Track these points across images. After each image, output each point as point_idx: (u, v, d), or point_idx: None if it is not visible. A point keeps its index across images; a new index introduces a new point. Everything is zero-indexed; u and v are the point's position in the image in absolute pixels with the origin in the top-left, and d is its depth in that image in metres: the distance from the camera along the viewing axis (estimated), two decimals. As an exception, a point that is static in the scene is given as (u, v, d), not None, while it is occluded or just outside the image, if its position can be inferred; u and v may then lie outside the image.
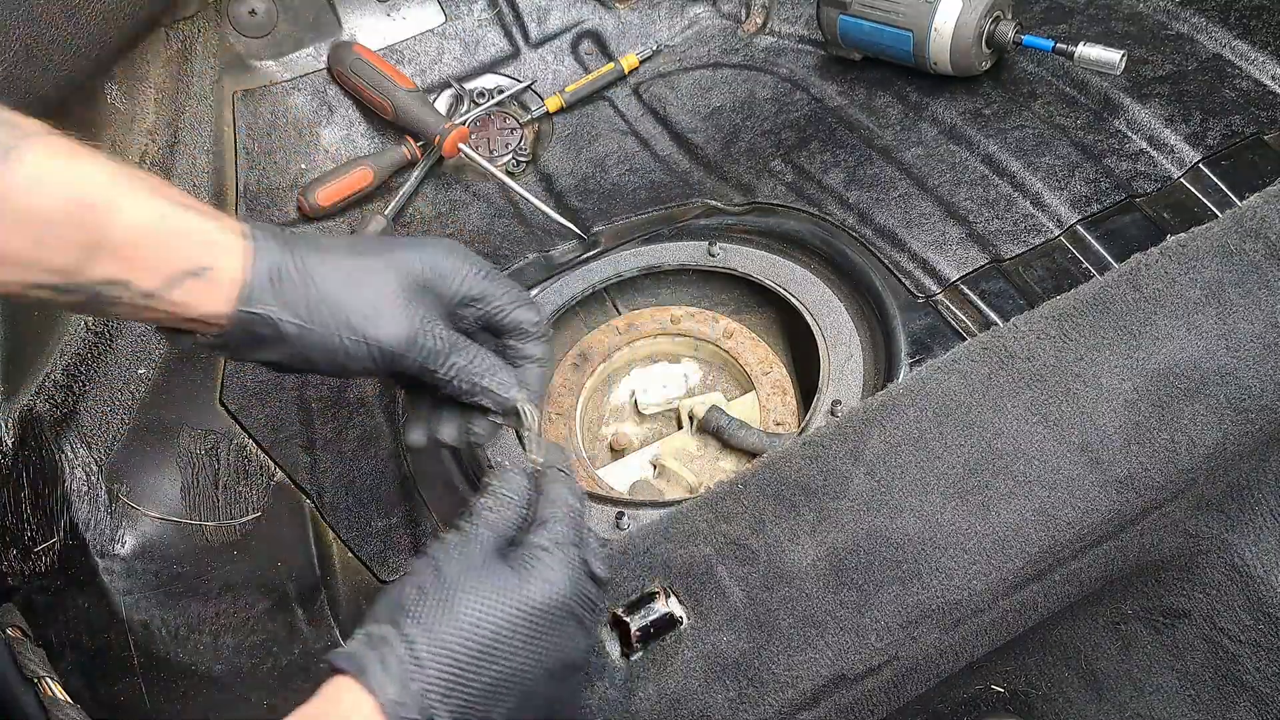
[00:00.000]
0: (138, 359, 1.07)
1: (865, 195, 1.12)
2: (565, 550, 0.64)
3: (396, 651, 0.57)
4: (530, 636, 0.61)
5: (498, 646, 0.59)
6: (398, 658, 0.57)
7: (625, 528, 0.91)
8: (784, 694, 0.69)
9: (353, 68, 1.28)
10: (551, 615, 0.61)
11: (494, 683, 0.59)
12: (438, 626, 0.58)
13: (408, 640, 0.58)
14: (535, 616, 0.61)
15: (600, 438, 1.11)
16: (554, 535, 0.64)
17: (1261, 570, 0.89)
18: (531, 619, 0.61)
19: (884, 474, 0.75)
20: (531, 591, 0.61)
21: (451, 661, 0.58)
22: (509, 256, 1.19)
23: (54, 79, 0.98)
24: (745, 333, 1.11)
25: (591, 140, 1.32)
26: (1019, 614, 0.78)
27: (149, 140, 1.19)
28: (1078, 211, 1.03)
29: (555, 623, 0.62)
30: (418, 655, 0.57)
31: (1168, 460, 0.75)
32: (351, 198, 1.25)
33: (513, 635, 0.60)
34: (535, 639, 0.61)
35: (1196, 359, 0.78)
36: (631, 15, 1.42)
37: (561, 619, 0.62)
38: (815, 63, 1.31)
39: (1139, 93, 1.11)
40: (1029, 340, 0.79)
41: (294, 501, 0.97)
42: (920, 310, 1.01)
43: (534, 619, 0.61)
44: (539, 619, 0.61)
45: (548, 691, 0.63)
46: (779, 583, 0.71)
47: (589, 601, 0.64)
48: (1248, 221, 0.83)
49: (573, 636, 0.63)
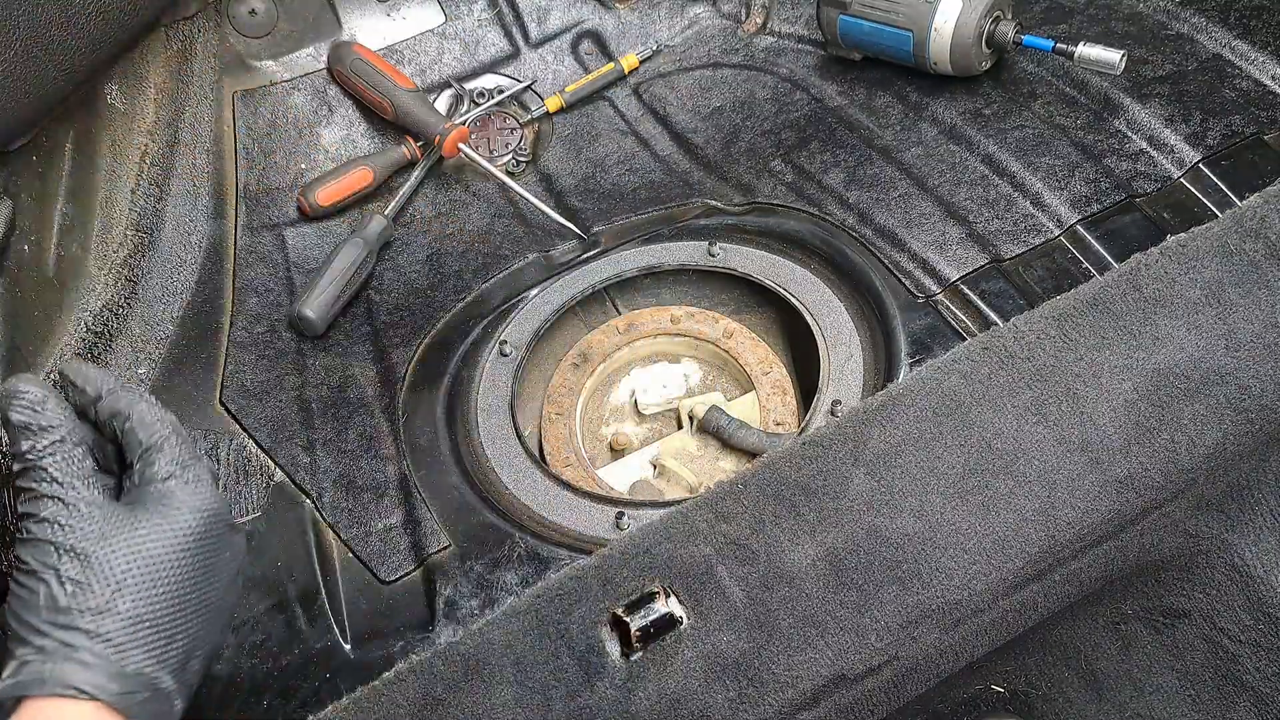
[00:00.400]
0: (138, 359, 1.07)
1: (865, 195, 1.12)
2: (190, 467, 0.63)
3: (91, 649, 0.55)
4: (207, 562, 0.61)
5: (185, 589, 0.59)
6: (94, 653, 0.55)
7: (625, 528, 0.91)
8: (784, 694, 0.69)
9: (353, 68, 1.28)
10: (214, 534, 0.62)
11: (195, 620, 0.60)
12: (113, 606, 0.57)
13: (92, 633, 0.56)
14: (203, 543, 0.62)
15: (600, 438, 1.11)
16: (170, 458, 0.63)
17: (1261, 570, 0.89)
18: (202, 547, 0.61)
19: (884, 474, 0.75)
20: (185, 523, 0.61)
21: (148, 627, 0.57)
22: (509, 256, 1.19)
23: (54, 79, 0.98)
24: (745, 333, 1.11)
25: (591, 140, 1.32)
26: (1019, 614, 0.78)
27: (149, 140, 1.19)
28: (1078, 211, 1.03)
29: (220, 539, 0.63)
30: (110, 638, 0.56)
31: (1168, 460, 0.75)
32: (351, 198, 1.25)
33: (194, 571, 0.60)
34: (211, 561, 0.62)
35: (1196, 359, 0.78)
36: (631, 15, 1.42)
37: (222, 532, 0.63)
38: (815, 63, 1.31)
39: (1139, 93, 1.11)
40: (1029, 340, 0.79)
41: (294, 501, 0.97)
42: (920, 310, 1.01)
43: (203, 546, 0.61)
44: (207, 543, 0.62)
45: (227, 603, 0.64)
46: (779, 583, 0.71)
47: (227, 506, 0.66)
48: (1248, 221, 0.83)
49: (235, 542, 0.65)
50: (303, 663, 0.85)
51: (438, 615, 0.87)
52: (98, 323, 1.07)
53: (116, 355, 1.06)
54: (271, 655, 0.86)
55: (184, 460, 0.64)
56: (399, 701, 0.68)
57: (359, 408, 1.04)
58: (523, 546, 0.90)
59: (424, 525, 0.93)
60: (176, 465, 0.63)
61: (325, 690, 0.83)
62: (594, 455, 1.08)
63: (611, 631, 0.71)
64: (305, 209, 1.24)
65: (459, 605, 0.87)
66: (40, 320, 1.02)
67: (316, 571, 0.91)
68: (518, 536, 0.91)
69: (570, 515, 0.94)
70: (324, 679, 0.84)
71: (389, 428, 1.02)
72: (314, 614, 0.88)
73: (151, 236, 1.15)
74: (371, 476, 0.98)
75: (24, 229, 1.02)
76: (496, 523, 0.93)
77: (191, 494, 0.62)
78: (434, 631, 0.86)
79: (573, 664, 0.69)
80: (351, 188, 1.24)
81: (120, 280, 1.11)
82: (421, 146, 1.27)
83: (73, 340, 1.04)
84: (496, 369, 1.06)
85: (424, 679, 0.69)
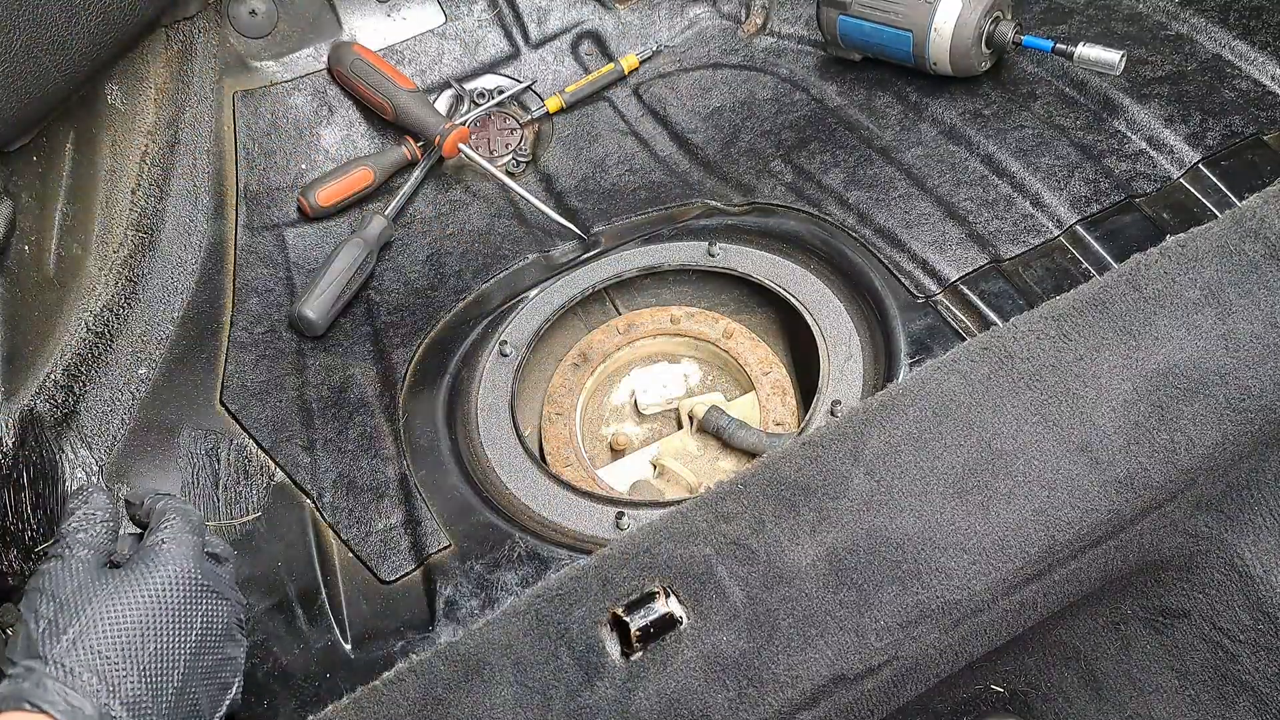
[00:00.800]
0: (138, 359, 1.07)
1: (865, 195, 1.12)
2: (180, 538, 0.72)
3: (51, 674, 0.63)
4: (171, 617, 0.68)
5: (144, 635, 0.66)
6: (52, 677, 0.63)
7: (625, 528, 0.91)
8: (784, 694, 0.69)
9: (353, 68, 1.28)
10: (183, 592, 0.70)
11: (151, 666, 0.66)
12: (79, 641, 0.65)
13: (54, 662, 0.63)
14: (168, 597, 0.69)
15: (600, 438, 1.11)
16: (168, 530, 0.73)
17: (1261, 570, 0.89)
18: (165, 601, 0.68)
19: (884, 474, 0.75)
20: (157, 579, 0.69)
21: (105, 663, 0.64)
22: (509, 256, 1.19)
23: (54, 79, 0.98)
24: (745, 333, 1.11)
25: (591, 141, 1.32)
26: (1019, 614, 0.78)
27: (149, 140, 1.19)
28: (1077, 212, 1.03)
29: (190, 598, 0.70)
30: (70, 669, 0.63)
31: (1167, 460, 0.76)
32: (352, 198, 1.25)
33: (154, 619, 0.67)
34: (176, 617, 0.69)
35: (1196, 359, 0.78)
36: (631, 16, 1.42)
37: (194, 593, 0.70)
38: (815, 63, 1.32)
39: (1139, 93, 1.11)
40: (1028, 340, 0.79)
41: (294, 501, 0.97)
42: (920, 310, 1.01)
43: (168, 600, 0.69)
44: (173, 598, 0.69)
45: (205, 660, 0.70)
46: (779, 583, 0.71)
47: (215, 575, 0.73)
48: (1247, 222, 0.83)
49: (212, 606, 0.71)
50: (303, 663, 0.85)
51: (438, 615, 0.87)
52: (98, 323, 1.07)
53: (116, 355, 1.06)
54: (271, 655, 0.86)
55: (177, 531, 0.73)
56: (399, 701, 0.68)
57: (359, 408, 1.04)
58: (523, 546, 0.90)
59: (424, 525, 0.93)
60: (168, 533, 0.72)
61: (325, 690, 0.83)
62: (594, 455, 1.08)
63: (611, 631, 0.71)
64: (305, 209, 1.24)
65: (459, 605, 0.87)
66: (40, 320, 1.02)
67: (316, 571, 0.91)
68: (518, 536, 0.91)
69: (570, 515, 0.94)
70: (324, 679, 0.84)
71: (389, 428, 1.02)
72: (314, 614, 0.88)
73: (152, 236, 1.15)
74: (371, 476, 0.98)
75: (24, 229, 1.02)
76: (496, 523, 0.93)
77: (169, 557, 0.71)
78: (434, 631, 0.86)
79: (572, 664, 0.69)
80: (351, 188, 1.24)
81: (120, 280, 1.11)
82: (421, 147, 1.28)
83: (73, 340, 1.04)
84: (496, 369, 1.06)
85: (424, 679, 0.69)
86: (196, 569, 0.71)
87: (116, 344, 1.06)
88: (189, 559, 0.71)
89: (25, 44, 0.92)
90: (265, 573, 0.91)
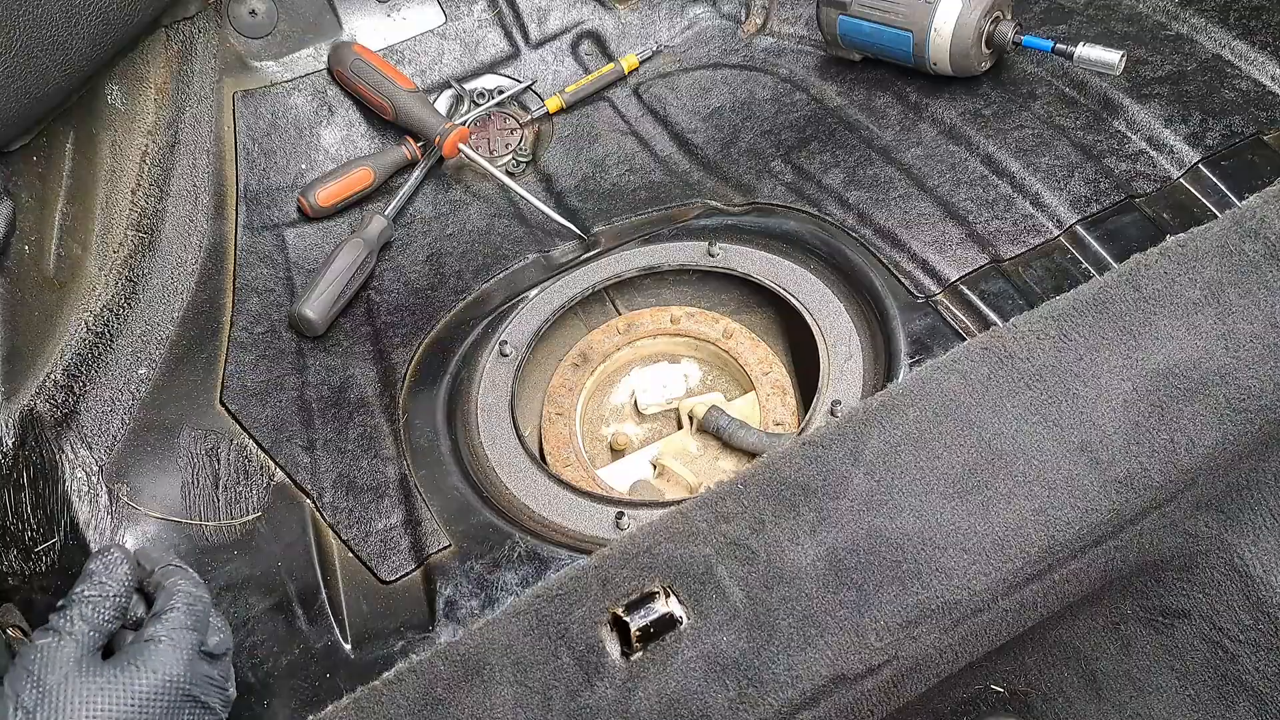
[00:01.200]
0: (138, 359, 1.07)
1: (865, 195, 1.12)
2: (176, 636, 0.69)
3: None
4: None
5: None
6: None
7: (625, 528, 0.91)
8: (784, 694, 0.69)
9: (353, 68, 1.28)
10: (168, 700, 0.67)
11: None
12: None
13: None
14: (153, 706, 0.66)
15: (600, 438, 1.11)
16: (169, 623, 0.69)
17: (1261, 570, 0.89)
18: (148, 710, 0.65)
19: (884, 474, 0.75)
20: (141, 685, 0.66)
21: None
22: (509, 256, 1.19)
23: (54, 79, 0.98)
24: (745, 333, 1.11)
25: (591, 141, 1.32)
26: (1019, 614, 0.78)
27: (149, 140, 1.19)
28: (1077, 212, 1.03)
29: (171, 708, 0.67)
30: None
31: (1167, 460, 0.75)
32: (352, 198, 1.25)
33: None
34: None
35: (1196, 359, 0.78)
36: (631, 16, 1.42)
37: (178, 702, 0.67)
38: (815, 63, 1.32)
39: (1139, 93, 1.11)
40: (1028, 340, 0.79)
41: (294, 501, 0.97)
42: (920, 310, 1.01)
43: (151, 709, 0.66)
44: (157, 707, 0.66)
45: None
46: (779, 583, 0.71)
47: (204, 679, 0.70)
48: (1247, 221, 0.83)
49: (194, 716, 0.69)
50: (303, 663, 0.85)
51: (438, 615, 0.87)
52: (98, 323, 1.07)
53: (116, 355, 1.06)
54: (271, 655, 0.86)
55: (176, 626, 0.70)
56: (399, 701, 0.68)
57: (359, 408, 1.04)
58: (523, 546, 0.90)
59: (424, 525, 0.93)
60: (166, 628, 0.69)
61: (325, 690, 0.83)
62: (594, 455, 1.08)
63: (611, 631, 0.71)
64: (305, 209, 1.24)
65: (459, 605, 0.87)
66: (40, 320, 1.02)
67: (316, 571, 0.91)
68: (518, 536, 0.91)
69: (570, 515, 0.94)
70: (324, 679, 0.84)
71: (389, 428, 1.02)
72: (314, 614, 0.88)
73: (151, 236, 1.15)
74: (371, 476, 0.98)
75: (24, 229, 1.02)
76: (496, 523, 0.93)
77: (161, 661, 0.68)
78: (434, 631, 0.86)
79: (572, 664, 0.69)
80: (352, 188, 1.24)
81: (120, 280, 1.11)
82: (421, 147, 1.28)
83: (73, 340, 1.04)
84: (496, 369, 1.06)
85: (424, 679, 0.69)
86: (187, 675, 0.69)
87: (116, 344, 1.06)
88: (181, 663, 0.68)
89: (25, 44, 0.92)
90: (265, 573, 0.91)
